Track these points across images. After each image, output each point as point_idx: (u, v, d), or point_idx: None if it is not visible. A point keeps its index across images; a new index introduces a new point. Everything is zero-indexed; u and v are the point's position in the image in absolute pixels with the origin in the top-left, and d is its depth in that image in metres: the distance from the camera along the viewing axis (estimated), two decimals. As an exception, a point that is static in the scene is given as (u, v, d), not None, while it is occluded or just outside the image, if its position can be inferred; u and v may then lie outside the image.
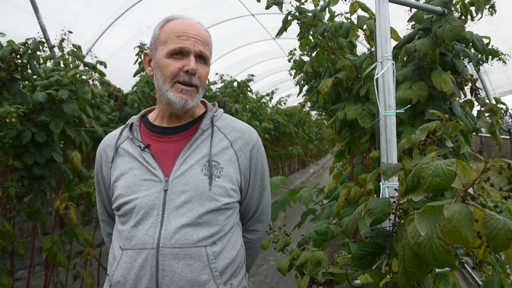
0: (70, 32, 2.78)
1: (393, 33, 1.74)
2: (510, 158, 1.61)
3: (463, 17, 1.61)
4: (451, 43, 1.60)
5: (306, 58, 2.73)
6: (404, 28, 1.84)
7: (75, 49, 2.77)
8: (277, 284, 3.97)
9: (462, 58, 1.71)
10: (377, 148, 1.30)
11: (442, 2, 1.50)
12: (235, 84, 5.79)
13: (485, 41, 1.69)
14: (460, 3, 1.58)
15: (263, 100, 8.46)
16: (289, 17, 2.10)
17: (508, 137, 3.96)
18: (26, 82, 2.31)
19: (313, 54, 2.20)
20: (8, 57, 2.07)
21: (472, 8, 1.62)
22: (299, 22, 2.10)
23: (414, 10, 1.68)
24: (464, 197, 0.58)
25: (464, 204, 0.56)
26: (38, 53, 2.26)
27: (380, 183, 1.16)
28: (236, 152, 1.19)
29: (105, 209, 1.33)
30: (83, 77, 2.36)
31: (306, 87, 2.71)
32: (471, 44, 1.63)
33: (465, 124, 1.57)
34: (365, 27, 1.86)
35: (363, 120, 1.78)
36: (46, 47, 2.81)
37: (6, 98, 2.25)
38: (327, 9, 2.03)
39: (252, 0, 5.21)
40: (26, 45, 2.16)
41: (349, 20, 1.99)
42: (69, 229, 2.38)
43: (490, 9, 1.73)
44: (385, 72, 1.21)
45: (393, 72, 1.22)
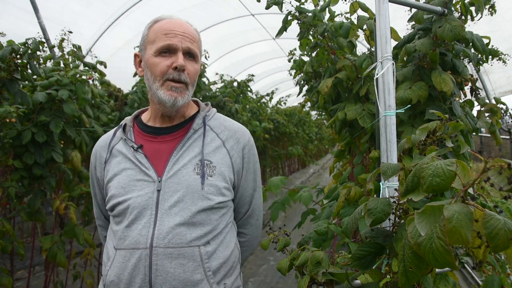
0: (70, 32, 2.78)
1: (393, 33, 1.74)
2: (510, 158, 1.61)
3: (463, 17, 1.61)
4: (451, 43, 1.60)
5: (306, 58, 2.74)
6: (404, 28, 1.84)
7: (75, 49, 2.77)
8: (277, 284, 3.97)
9: (462, 58, 1.71)
10: (377, 148, 1.30)
11: (442, 2, 1.50)
12: (235, 84, 5.79)
13: (485, 41, 1.69)
14: (460, 3, 1.58)
15: (263, 100, 8.46)
16: (289, 17, 2.10)
17: (508, 137, 3.97)
18: (26, 82, 2.31)
19: (313, 54, 2.21)
20: (8, 57, 2.07)
21: (472, 8, 1.62)
22: (299, 22, 2.10)
23: (414, 10, 1.68)
24: (464, 197, 0.58)
25: (464, 204, 0.56)
26: (38, 53, 2.26)
27: (380, 183, 1.16)
28: (229, 151, 1.18)
29: (102, 213, 1.33)
30: (83, 77, 2.37)
31: (306, 87, 2.71)
32: (471, 44, 1.64)
33: (465, 124, 1.57)
34: (365, 27, 1.86)
35: (363, 120, 1.78)
36: (46, 47, 2.81)
37: (6, 98, 2.25)
38: (327, 9, 2.04)
39: (252, 0, 5.21)
40: (26, 45, 2.16)
41: (349, 20, 1.99)
42: (69, 229, 2.38)
43: (490, 9, 1.73)
44: (385, 72, 1.21)
45: (393, 72, 1.22)
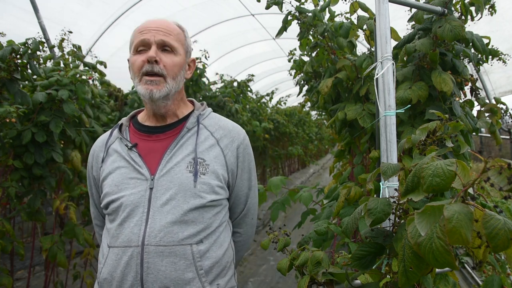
0: (70, 32, 2.78)
1: (393, 33, 1.74)
2: (510, 158, 1.61)
3: (463, 17, 1.62)
4: (451, 43, 1.60)
5: (306, 58, 2.74)
6: (404, 28, 1.84)
7: (75, 49, 2.77)
8: (277, 284, 3.98)
9: (462, 58, 1.71)
10: (377, 148, 1.30)
11: (442, 2, 1.50)
12: (235, 84, 5.79)
13: (485, 41, 1.69)
14: (460, 3, 1.58)
15: (263, 100, 8.46)
16: (289, 17, 2.10)
17: (508, 137, 3.97)
18: (26, 82, 2.31)
19: (313, 54, 2.21)
20: (8, 57, 2.07)
21: (472, 8, 1.62)
22: (299, 22, 2.10)
23: (414, 10, 1.68)
24: (464, 197, 0.58)
25: (464, 204, 0.56)
26: (38, 53, 2.26)
27: (380, 183, 1.16)
28: (223, 150, 1.18)
29: (99, 212, 1.33)
30: (83, 77, 2.37)
31: (306, 87, 2.71)
32: (471, 44, 1.64)
33: (465, 124, 1.57)
34: (365, 27, 1.86)
35: (363, 120, 1.78)
36: (46, 47, 2.81)
37: (6, 98, 2.25)
38: (327, 9, 2.04)
39: (252, 0, 5.21)
40: (26, 45, 2.17)
41: (349, 20, 1.99)
42: (69, 229, 2.38)
43: (490, 9, 1.73)
44: (385, 72, 1.21)
45: (393, 72, 1.22)
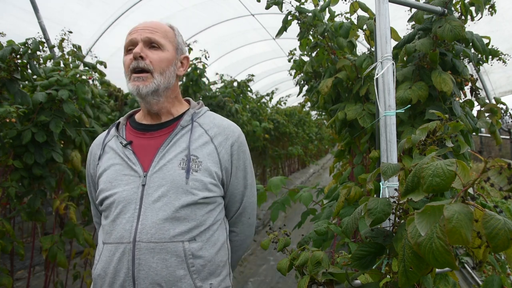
0: (70, 32, 2.78)
1: (393, 33, 1.74)
2: (510, 158, 1.61)
3: (463, 17, 1.62)
4: (451, 43, 1.60)
5: (306, 58, 2.74)
6: (404, 28, 1.84)
7: (75, 49, 2.77)
8: (277, 284, 3.98)
9: (462, 58, 1.71)
10: (377, 148, 1.30)
11: (442, 2, 1.50)
12: (235, 84, 5.79)
13: (485, 41, 1.69)
14: (460, 3, 1.58)
15: (263, 100, 8.47)
16: (289, 17, 2.10)
17: (508, 137, 3.97)
18: (26, 82, 2.31)
19: (313, 54, 2.21)
20: (8, 57, 2.07)
21: (472, 8, 1.62)
22: (299, 22, 2.10)
23: (414, 10, 1.68)
24: (464, 197, 0.58)
25: (464, 204, 0.56)
26: (38, 53, 2.26)
27: (380, 183, 1.16)
28: (217, 147, 1.18)
29: (98, 210, 1.34)
30: (83, 77, 2.37)
31: (306, 87, 2.71)
32: (471, 44, 1.64)
33: (465, 124, 1.57)
34: (365, 27, 1.86)
35: (363, 120, 1.78)
36: (46, 47, 2.81)
37: (6, 98, 2.25)
38: (327, 9, 2.03)
39: (252, 0, 5.21)
40: (26, 45, 2.17)
41: (349, 20, 1.99)
42: (69, 229, 2.38)
43: (490, 9, 1.73)
44: (385, 72, 1.21)
45: (393, 72, 1.22)
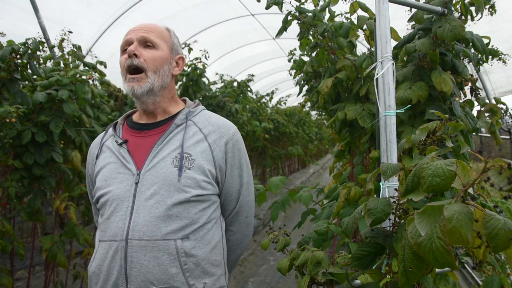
0: (70, 32, 2.78)
1: (393, 33, 1.74)
2: (510, 158, 1.61)
3: (463, 17, 1.62)
4: (451, 43, 1.60)
5: (306, 58, 2.74)
6: (404, 28, 1.84)
7: (75, 49, 2.77)
8: (277, 284, 3.98)
9: (462, 58, 1.71)
10: (377, 148, 1.30)
11: (442, 2, 1.50)
12: (235, 84, 5.79)
13: (485, 41, 1.69)
14: (460, 3, 1.58)
15: (263, 100, 8.47)
16: (289, 17, 2.10)
17: (508, 137, 3.97)
18: (26, 82, 2.31)
19: (313, 54, 2.21)
20: (8, 57, 2.07)
21: (472, 8, 1.62)
22: (299, 22, 2.10)
23: (414, 10, 1.68)
24: (464, 197, 0.58)
25: (464, 204, 0.56)
26: (38, 53, 2.26)
27: (380, 183, 1.16)
28: (210, 145, 1.18)
29: (98, 210, 1.34)
30: (83, 77, 2.36)
31: (306, 87, 2.71)
32: (471, 44, 1.64)
33: (465, 124, 1.57)
34: (365, 27, 1.86)
35: (363, 120, 1.78)
36: (46, 47, 2.81)
37: (6, 98, 2.25)
38: (327, 9, 2.04)
39: (252, 0, 5.21)
40: (26, 45, 2.16)
41: (349, 20, 1.99)
42: (69, 229, 2.38)
43: (490, 9, 1.73)
44: (385, 72, 1.21)
45: (393, 72, 1.22)
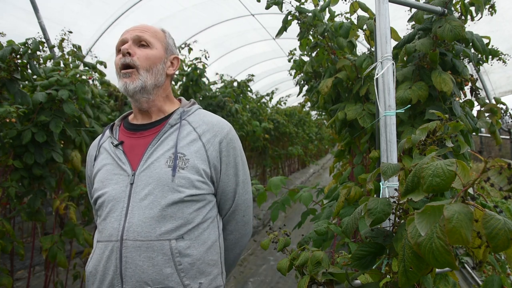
0: (70, 32, 2.78)
1: (393, 33, 1.74)
2: (510, 158, 1.61)
3: (463, 17, 1.62)
4: (451, 43, 1.60)
5: (306, 58, 2.74)
6: (404, 28, 1.84)
7: (75, 49, 2.77)
8: (277, 284, 3.98)
9: (462, 58, 1.71)
10: (377, 148, 1.30)
11: (442, 2, 1.50)
12: (235, 84, 5.80)
13: (485, 41, 1.69)
14: (460, 3, 1.58)
15: (263, 100, 8.47)
16: (289, 17, 2.10)
17: (508, 137, 3.97)
18: (26, 82, 2.31)
19: (313, 54, 2.21)
20: (8, 57, 2.07)
21: (472, 8, 1.62)
22: (299, 22, 2.10)
23: (414, 10, 1.68)
24: (464, 197, 0.58)
25: (464, 204, 0.56)
26: (38, 53, 2.26)
27: (380, 183, 1.16)
28: (205, 144, 1.18)
29: (96, 211, 1.35)
30: (83, 77, 2.36)
31: (306, 87, 2.71)
32: (471, 44, 1.64)
33: (465, 124, 1.57)
34: (365, 27, 1.86)
35: (363, 120, 1.78)
36: (46, 47, 2.81)
37: (6, 98, 2.25)
38: (327, 9, 2.04)
39: (252, 0, 5.21)
40: (26, 45, 2.16)
41: (349, 20, 1.99)
42: (69, 229, 2.38)
43: (490, 9, 1.73)
44: (385, 72, 1.21)
45: (393, 72, 1.22)
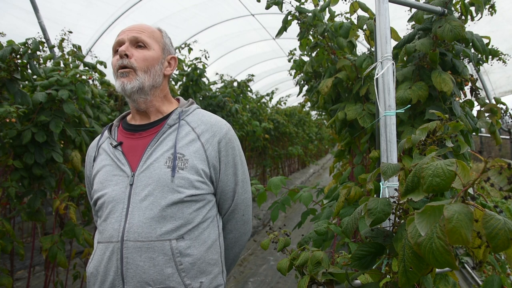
0: (70, 32, 2.78)
1: (393, 33, 1.74)
2: (510, 158, 1.61)
3: (463, 17, 1.62)
4: (451, 43, 1.60)
5: (306, 58, 2.74)
6: (404, 28, 1.84)
7: (75, 49, 2.77)
8: (277, 284, 3.98)
9: (462, 58, 1.71)
10: (377, 148, 1.30)
11: (442, 2, 1.50)
12: (235, 84, 5.80)
13: (485, 41, 1.69)
14: (460, 3, 1.58)
15: (263, 100, 8.47)
16: (289, 17, 2.10)
17: (508, 137, 3.97)
18: (26, 82, 2.31)
19: (313, 54, 2.21)
20: (8, 57, 2.07)
21: (472, 8, 1.62)
22: (299, 22, 2.10)
23: (414, 10, 1.68)
24: (464, 197, 0.58)
25: (464, 204, 0.56)
26: (38, 53, 2.26)
27: (380, 183, 1.16)
28: (203, 144, 1.18)
29: (96, 211, 1.35)
30: (83, 77, 2.36)
31: (306, 87, 2.71)
32: (471, 44, 1.64)
33: (465, 124, 1.57)
34: (365, 27, 1.86)
35: (363, 120, 1.78)
36: (46, 47, 2.81)
37: (6, 98, 2.25)
38: (327, 9, 2.03)
39: (252, 0, 5.21)
40: (26, 45, 2.16)
41: (349, 20, 1.99)
42: (69, 229, 2.38)
43: (490, 9, 1.73)
44: (385, 72, 1.21)
45: (393, 72, 1.22)
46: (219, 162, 1.21)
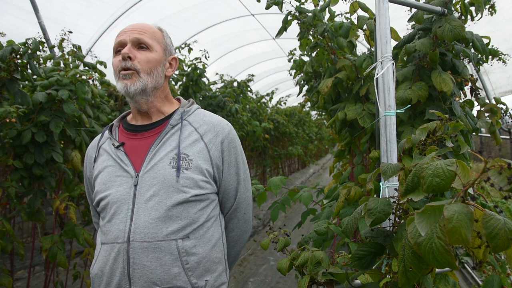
0: (70, 32, 2.78)
1: (393, 33, 1.74)
2: (510, 158, 1.61)
3: (463, 17, 1.62)
4: (451, 43, 1.60)
5: (306, 58, 2.74)
6: (404, 28, 1.84)
7: (75, 49, 2.77)
8: (277, 284, 3.98)
9: (462, 58, 1.71)
10: (377, 148, 1.30)
11: (442, 2, 1.50)
12: (235, 84, 5.80)
13: (485, 41, 1.69)
14: (460, 3, 1.58)
15: (263, 100, 8.47)
16: (289, 17, 2.10)
17: (508, 137, 3.97)
18: (26, 82, 2.31)
19: (313, 54, 2.21)
20: (8, 57, 2.07)
21: (472, 8, 1.62)
22: (299, 22, 2.10)
23: (414, 10, 1.68)
24: (464, 197, 0.58)
25: (464, 204, 0.56)
26: (38, 53, 2.26)
27: (380, 183, 1.16)
28: (207, 144, 1.19)
29: (96, 212, 1.35)
30: (83, 77, 2.36)
31: (306, 87, 2.71)
32: (471, 44, 1.64)
33: (465, 124, 1.57)
34: (365, 27, 1.86)
35: (363, 120, 1.78)
36: (46, 47, 2.81)
37: (6, 98, 2.25)
38: (327, 9, 2.03)
39: (252, 0, 5.21)
40: (26, 45, 2.16)
41: (349, 20, 1.99)
42: (69, 229, 2.38)
43: (490, 9, 1.73)
44: (385, 72, 1.21)
45: (393, 72, 1.22)
46: (222, 162, 1.22)
